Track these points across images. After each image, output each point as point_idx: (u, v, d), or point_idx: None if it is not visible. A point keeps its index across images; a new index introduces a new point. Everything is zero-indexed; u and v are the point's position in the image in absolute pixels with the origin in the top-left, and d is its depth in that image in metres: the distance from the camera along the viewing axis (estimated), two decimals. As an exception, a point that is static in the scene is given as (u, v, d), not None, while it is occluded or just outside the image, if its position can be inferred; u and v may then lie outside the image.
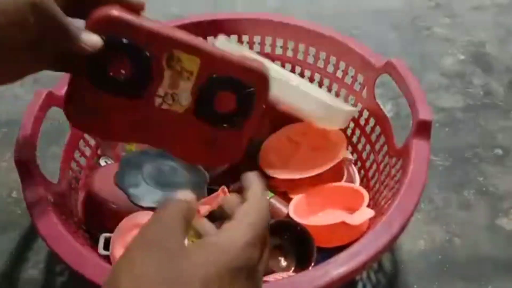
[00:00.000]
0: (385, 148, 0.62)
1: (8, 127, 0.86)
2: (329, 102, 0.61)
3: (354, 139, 0.72)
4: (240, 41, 0.73)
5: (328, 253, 0.48)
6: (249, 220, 0.30)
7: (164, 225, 0.29)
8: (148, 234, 0.29)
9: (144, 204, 0.59)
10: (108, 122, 0.38)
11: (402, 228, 0.45)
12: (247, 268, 0.28)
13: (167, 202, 0.31)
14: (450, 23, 1.10)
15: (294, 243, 0.59)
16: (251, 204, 0.32)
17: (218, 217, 0.37)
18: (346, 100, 0.70)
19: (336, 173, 0.68)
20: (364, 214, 0.55)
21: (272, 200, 0.63)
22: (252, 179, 0.34)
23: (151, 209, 0.58)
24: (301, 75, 0.74)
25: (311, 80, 0.74)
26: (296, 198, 0.64)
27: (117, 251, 0.53)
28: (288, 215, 0.61)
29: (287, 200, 0.65)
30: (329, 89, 0.72)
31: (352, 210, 0.59)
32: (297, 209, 0.62)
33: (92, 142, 0.68)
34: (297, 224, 0.58)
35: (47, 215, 0.47)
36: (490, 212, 0.71)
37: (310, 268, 0.53)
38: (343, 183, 0.67)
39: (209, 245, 0.29)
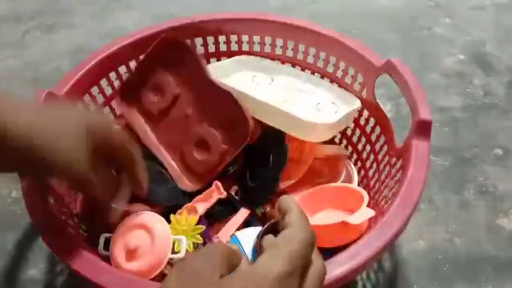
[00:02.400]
0: (385, 148, 0.62)
1: (8, 127, 0.86)
2: (304, 116, 0.59)
3: (354, 139, 0.72)
4: (240, 41, 0.73)
5: (326, 253, 0.48)
6: (289, 249, 0.30)
7: (206, 260, 0.30)
8: (186, 266, 0.29)
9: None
10: None
11: (402, 228, 0.45)
12: None
13: (213, 244, 0.32)
14: (450, 23, 1.10)
15: None
16: (293, 232, 0.31)
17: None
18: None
19: (334, 172, 0.69)
20: (365, 213, 0.55)
21: None
22: (290, 202, 0.33)
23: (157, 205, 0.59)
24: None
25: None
26: (297, 197, 0.64)
27: (117, 251, 0.53)
28: None
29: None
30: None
31: (351, 210, 0.59)
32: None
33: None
34: None
35: (47, 215, 0.47)
36: (490, 212, 0.71)
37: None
38: (342, 184, 0.67)
39: (244, 274, 0.29)
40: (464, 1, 1.16)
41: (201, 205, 0.59)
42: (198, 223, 0.56)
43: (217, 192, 0.59)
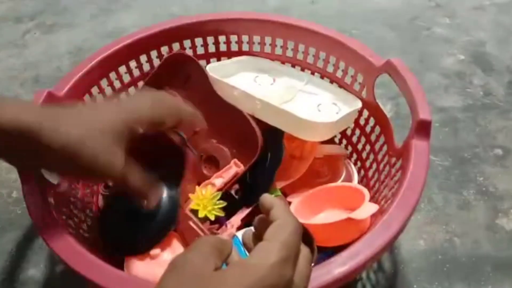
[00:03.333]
0: (385, 148, 0.62)
1: (8, 127, 0.86)
2: (305, 116, 0.59)
3: (354, 139, 0.72)
4: (240, 41, 0.73)
5: (326, 254, 0.49)
6: (281, 239, 0.30)
7: (197, 253, 0.30)
8: (178, 262, 0.30)
9: None
10: None
11: (402, 228, 0.45)
12: (281, 285, 0.29)
13: (202, 236, 0.32)
14: (450, 23, 1.10)
15: None
16: (281, 223, 0.32)
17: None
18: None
19: (334, 172, 0.69)
20: (369, 208, 0.55)
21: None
22: (272, 199, 0.34)
23: None
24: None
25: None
26: (296, 200, 0.64)
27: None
28: None
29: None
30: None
31: (352, 209, 0.59)
32: (298, 210, 0.62)
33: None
34: None
35: (47, 216, 0.47)
36: (490, 212, 0.71)
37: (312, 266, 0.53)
38: (341, 183, 0.67)
39: (240, 266, 0.29)
40: (464, 1, 1.16)
41: (219, 181, 0.59)
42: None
43: (234, 166, 0.60)
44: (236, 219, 0.59)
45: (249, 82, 0.71)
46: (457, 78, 0.95)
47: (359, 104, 0.66)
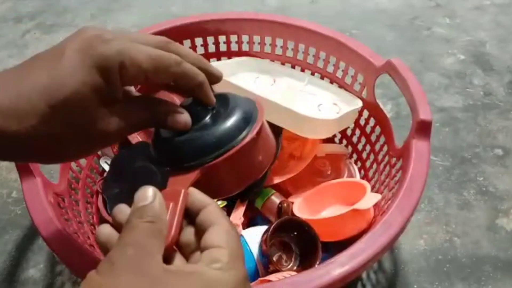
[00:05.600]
0: (385, 148, 0.62)
1: (8, 127, 0.86)
2: (302, 112, 0.59)
3: (354, 139, 0.72)
4: (240, 41, 0.73)
5: (330, 253, 0.49)
6: (230, 245, 0.28)
7: (139, 248, 0.26)
8: (120, 261, 0.25)
9: None
10: None
11: (402, 228, 0.45)
12: None
13: (131, 219, 0.27)
14: (450, 23, 1.10)
15: (300, 242, 0.59)
16: (224, 228, 0.29)
17: None
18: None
19: (336, 172, 0.69)
20: (372, 198, 0.55)
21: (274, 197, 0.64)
22: (204, 198, 0.31)
23: None
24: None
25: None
26: (300, 199, 0.64)
27: None
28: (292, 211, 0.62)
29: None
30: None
31: (355, 203, 0.59)
32: (302, 209, 0.62)
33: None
34: (304, 223, 0.58)
35: (47, 215, 0.47)
36: (490, 212, 0.71)
37: (315, 266, 0.53)
38: (342, 179, 0.67)
39: (197, 277, 0.26)
40: (464, 1, 1.16)
41: None
42: None
43: None
44: (235, 216, 0.59)
45: (250, 83, 0.71)
46: (457, 78, 0.95)
47: (359, 104, 0.66)
